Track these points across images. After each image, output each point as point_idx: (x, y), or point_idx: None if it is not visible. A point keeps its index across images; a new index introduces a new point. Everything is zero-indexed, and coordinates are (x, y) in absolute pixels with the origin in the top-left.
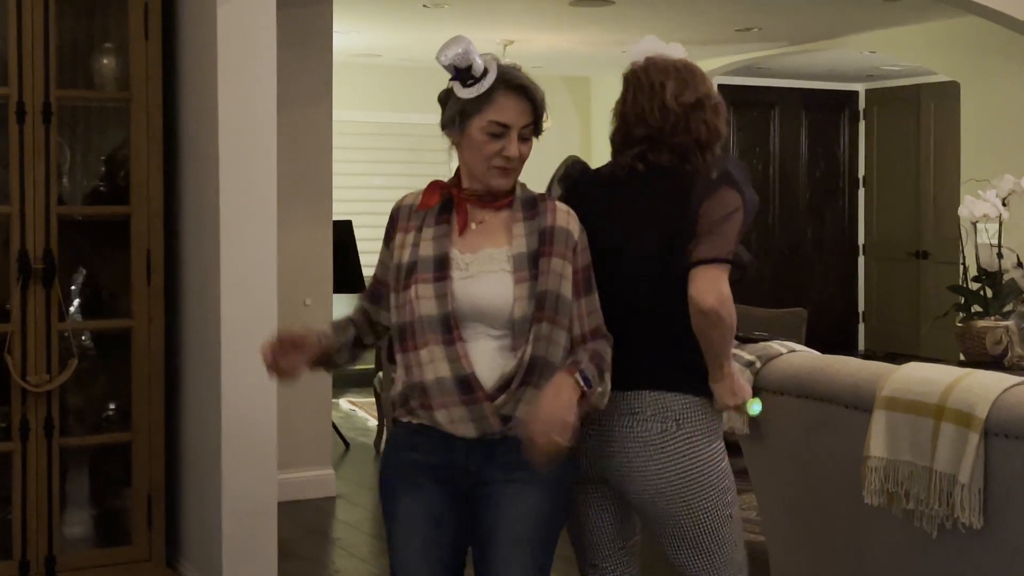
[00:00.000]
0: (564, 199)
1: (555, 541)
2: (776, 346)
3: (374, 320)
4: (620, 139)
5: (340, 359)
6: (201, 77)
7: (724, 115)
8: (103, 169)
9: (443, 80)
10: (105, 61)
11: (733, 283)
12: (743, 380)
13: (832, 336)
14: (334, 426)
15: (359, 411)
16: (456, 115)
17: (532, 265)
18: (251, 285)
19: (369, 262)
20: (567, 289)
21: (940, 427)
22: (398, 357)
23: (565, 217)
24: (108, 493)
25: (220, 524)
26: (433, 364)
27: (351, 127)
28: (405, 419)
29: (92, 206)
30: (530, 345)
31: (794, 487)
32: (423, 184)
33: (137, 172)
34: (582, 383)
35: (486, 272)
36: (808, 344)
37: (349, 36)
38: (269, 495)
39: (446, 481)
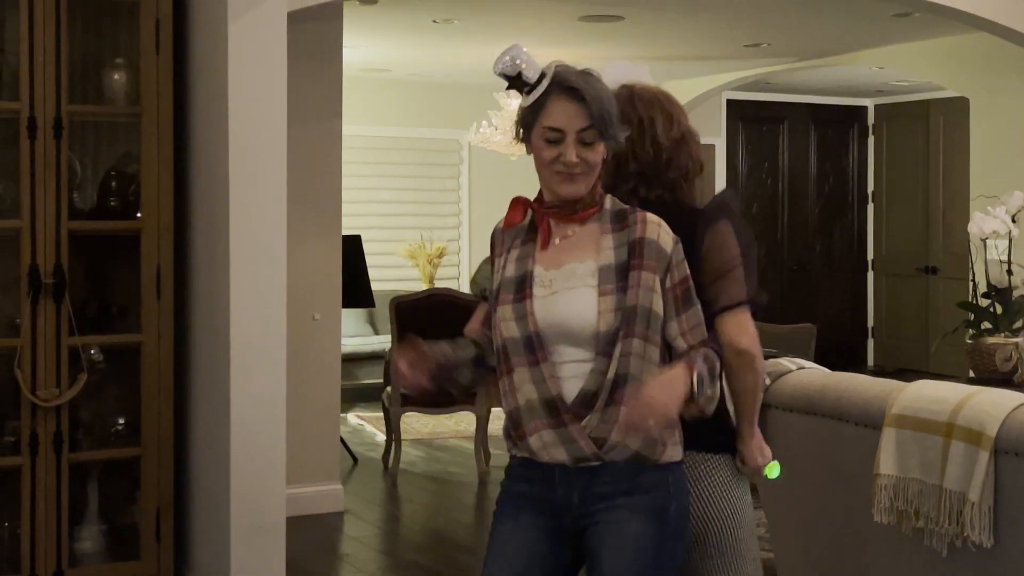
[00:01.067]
0: None
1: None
2: (785, 363)
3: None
4: (611, 172)
5: (462, 377)
6: (212, 92)
7: (698, 144)
8: (113, 184)
9: (451, 95)
10: (116, 76)
11: None
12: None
13: (841, 352)
14: (342, 441)
15: (367, 426)
16: (520, 126)
17: (620, 278)
18: (260, 299)
19: (377, 276)
20: (658, 304)
21: (950, 445)
22: (499, 385)
23: (656, 229)
24: (117, 508)
25: (229, 539)
26: (522, 388)
27: (361, 141)
28: (512, 452)
29: (103, 221)
30: (615, 361)
31: (804, 504)
32: (430, 198)
33: (147, 187)
34: (695, 383)
35: (569, 288)
36: (817, 360)
37: (359, 50)
38: (277, 510)
39: (548, 515)
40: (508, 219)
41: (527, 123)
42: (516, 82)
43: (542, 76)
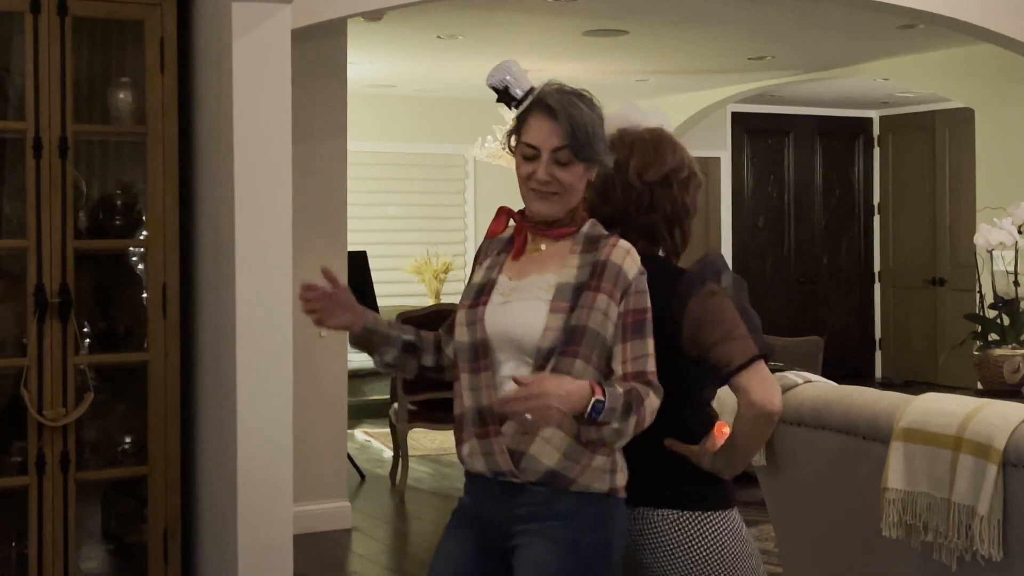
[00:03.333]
0: None
1: None
2: (792, 377)
3: (442, 346)
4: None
5: (385, 354)
6: (217, 110)
7: (696, 188)
8: (119, 203)
9: (456, 110)
10: (121, 95)
11: None
12: None
13: (849, 364)
14: (349, 457)
15: (375, 442)
16: (509, 137)
17: (575, 298)
18: (266, 317)
19: (383, 292)
20: (608, 330)
21: (958, 459)
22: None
23: (622, 255)
24: (124, 527)
25: (236, 558)
26: (463, 394)
27: (366, 157)
28: (463, 466)
29: (108, 240)
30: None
31: (812, 519)
32: (435, 213)
33: (153, 205)
34: (589, 407)
35: (523, 299)
36: (825, 372)
37: (363, 67)
38: (285, 528)
39: (480, 531)
40: (491, 228)
41: (513, 137)
42: (504, 96)
43: (530, 92)
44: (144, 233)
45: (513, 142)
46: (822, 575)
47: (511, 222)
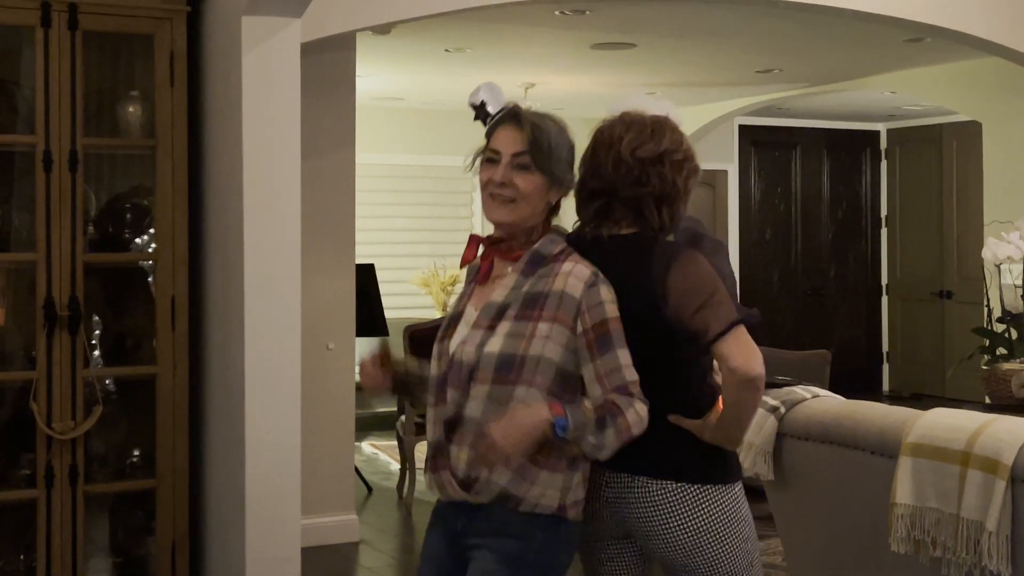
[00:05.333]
0: None
1: None
2: (800, 391)
3: None
4: (579, 193)
5: (423, 395)
6: (226, 123)
7: (690, 173)
8: (128, 216)
9: (464, 122)
10: (131, 109)
11: None
12: None
13: (856, 377)
14: (357, 470)
15: (382, 455)
16: (475, 158)
17: (495, 316)
18: (275, 330)
19: (390, 304)
20: (553, 352)
21: (967, 474)
22: None
23: (564, 280)
24: (132, 540)
25: (244, 571)
26: (431, 425)
27: (374, 170)
28: None
29: (118, 253)
30: (479, 401)
31: (820, 533)
32: (443, 226)
33: (162, 219)
34: (551, 426)
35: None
36: (832, 385)
37: (372, 79)
38: (293, 541)
39: (447, 531)
40: (464, 256)
41: (480, 152)
42: (481, 112)
43: (503, 110)
44: (153, 246)
45: (477, 162)
46: None
47: (481, 248)
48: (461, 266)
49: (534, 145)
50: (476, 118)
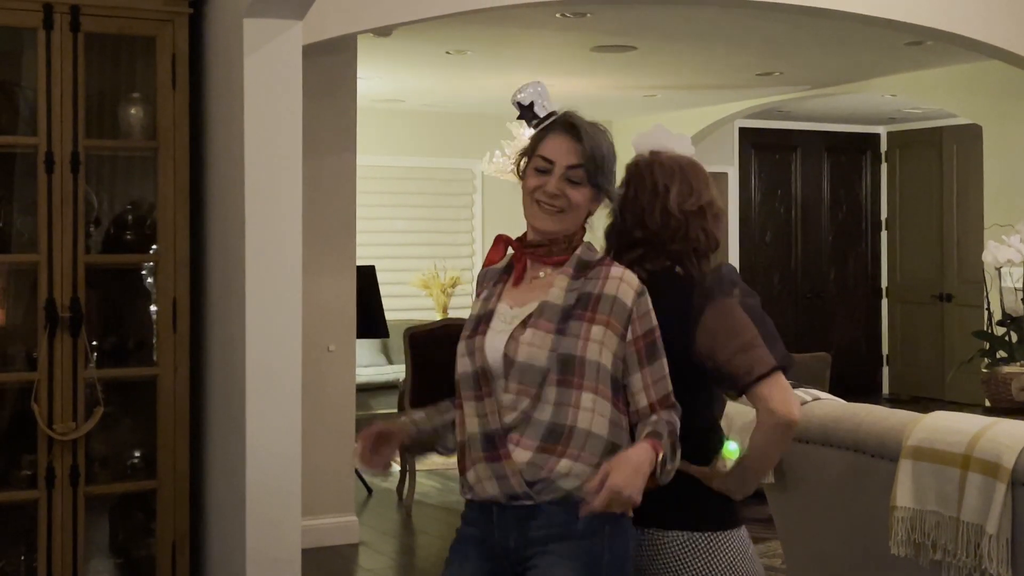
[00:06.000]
0: None
1: None
2: (801, 394)
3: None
4: (617, 237)
5: (448, 442)
6: (228, 126)
7: (724, 223)
8: (130, 218)
9: (465, 125)
10: (133, 111)
11: None
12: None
13: (856, 380)
14: (357, 472)
15: None
16: (521, 156)
17: (562, 320)
18: (276, 331)
19: (391, 306)
20: (606, 357)
21: (967, 477)
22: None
23: (616, 284)
24: (133, 541)
25: (244, 572)
26: (468, 422)
27: (375, 172)
28: (465, 496)
29: (119, 254)
30: (548, 405)
31: (820, 536)
32: (444, 228)
33: (164, 220)
34: (658, 464)
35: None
36: (832, 388)
37: (373, 82)
38: (293, 543)
39: (490, 557)
40: (489, 256)
41: (527, 153)
42: (527, 112)
43: (552, 113)
44: (155, 248)
45: (523, 164)
46: None
47: (510, 250)
48: (485, 265)
49: (591, 159)
50: (520, 117)
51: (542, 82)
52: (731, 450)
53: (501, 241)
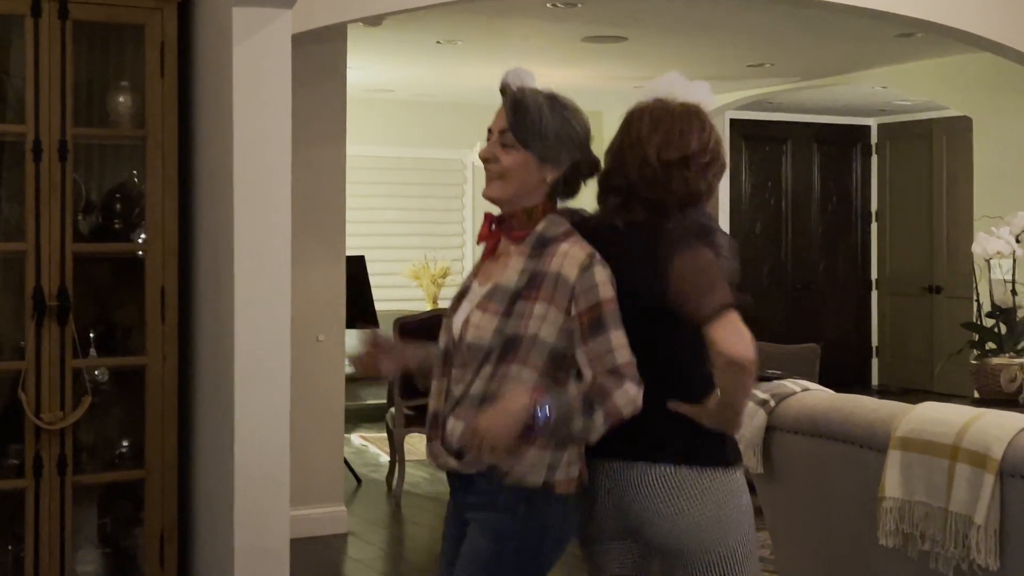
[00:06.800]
0: None
1: None
2: (790, 384)
3: None
4: (600, 183)
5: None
6: (217, 114)
7: (718, 172)
8: (118, 206)
9: (455, 115)
10: (121, 99)
11: None
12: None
13: (846, 371)
14: (346, 462)
15: (371, 447)
16: None
17: (510, 302)
18: (265, 321)
19: (381, 296)
20: (548, 333)
21: (955, 468)
22: None
23: (560, 261)
24: (120, 531)
25: (232, 562)
26: (433, 398)
27: (365, 162)
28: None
29: (107, 243)
30: (483, 381)
31: (808, 527)
32: (434, 218)
33: (152, 209)
34: (537, 409)
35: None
36: (821, 380)
37: (363, 71)
38: (282, 533)
39: (460, 524)
40: (480, 233)
41: None
42: (503, 94)
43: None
44: (143, 237)
45: None
46: None
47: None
48: (477, 243)
49: (515, 122)
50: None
51: (523, 67)
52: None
53: (487, 218)
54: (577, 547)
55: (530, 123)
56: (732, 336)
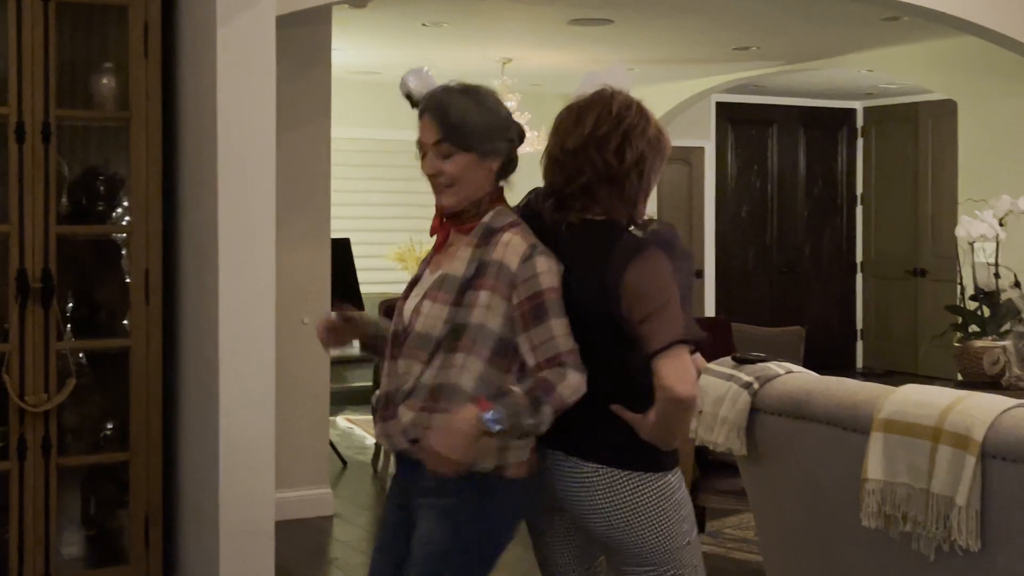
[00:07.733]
0: None
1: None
2: (773, 367)
3: None
4: (564, 181)
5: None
6: (201, 96)
7: (625, 144)
8: (102, 188)
9: None
10: (105, 80)
11: None
12: None
13: (830, 354)
14: (331, 444)
15: (356, 429)
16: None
17: (459, 292)
18: (249, 304)
19: (366, 279)
20: (493, 321)
21: (937, 449)
22: None
23: (503, 250)
24: (105, 512)
25: (217, 544)
26: (383, 379)
27: (350, 144)
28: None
29: (91, 225)
30: (434, 370)
31: (792, 508)
32: (419, 201)
33: (136, 191)
34: (485, 422)
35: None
36: (806, 362)
37: (348, 53)
38: (267, 515)
39: (403, 505)
40: (432, 225)
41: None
42: (412, 102)
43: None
44: (127, 219)
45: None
46: (801, 564)
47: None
48: (431, 235)
49: (446, 130)
50: (413, 107)
51: (423, 68)
52: None
53: (438, 210)
54: (526, 531)
55: (462, 127)
56: (677, 372)
